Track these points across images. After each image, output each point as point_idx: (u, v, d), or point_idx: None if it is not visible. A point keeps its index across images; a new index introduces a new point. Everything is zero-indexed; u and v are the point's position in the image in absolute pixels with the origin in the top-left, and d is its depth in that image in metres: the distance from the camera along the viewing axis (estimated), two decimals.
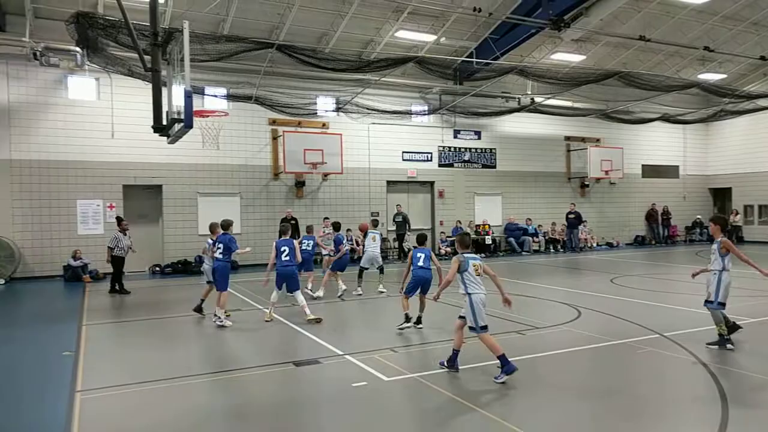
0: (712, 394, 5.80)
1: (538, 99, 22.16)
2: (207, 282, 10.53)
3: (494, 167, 23.07)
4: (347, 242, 18.79)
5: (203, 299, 10.34)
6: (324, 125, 19.71)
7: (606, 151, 24.32)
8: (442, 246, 21.19)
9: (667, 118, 25.11)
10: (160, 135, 10.55)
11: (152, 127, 10.25)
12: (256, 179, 18.87)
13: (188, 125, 9.41)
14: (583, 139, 24.72)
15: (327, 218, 17.79)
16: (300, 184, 19.34)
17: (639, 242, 25.82)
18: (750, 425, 5.20)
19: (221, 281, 9.70)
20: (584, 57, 21.24)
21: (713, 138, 28.26)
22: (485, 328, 6.38)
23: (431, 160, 21.83)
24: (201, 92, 16.72)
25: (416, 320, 8.86)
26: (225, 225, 10.01)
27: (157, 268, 17.30)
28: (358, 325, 10.04)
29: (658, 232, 26.06)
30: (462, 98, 21.20)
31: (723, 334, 7.45)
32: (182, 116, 9.42)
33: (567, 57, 21.27)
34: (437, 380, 6.33)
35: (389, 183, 21.10)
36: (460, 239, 6.76)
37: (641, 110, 24.50)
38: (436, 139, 21.93)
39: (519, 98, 22.31)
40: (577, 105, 23.05)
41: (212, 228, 10.39)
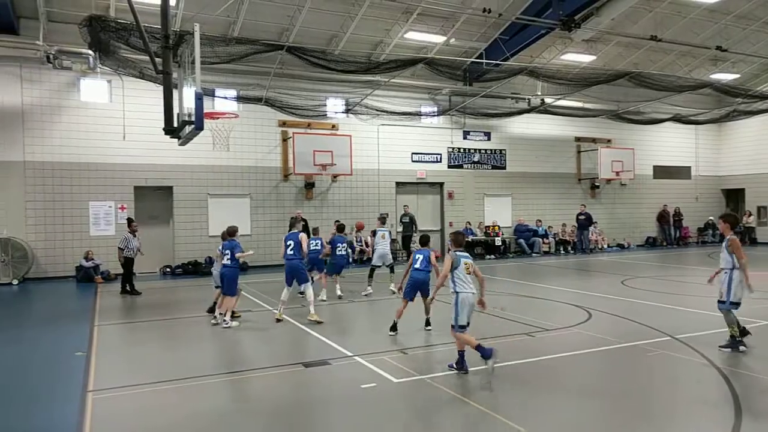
0: (724, 398, 5.74)
1: (548, 100, 22.07)
2: (216, 287, 10.59)
3: (504, 168, 23.00)
4: (357, 244, 19.03)
5: (216, 301, 10.37)
6: (333, 127, 19.75)
7: (617, 152, 24.17)
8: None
9: (679, 119, 24.90)
10: (171, 137, 10.62)
11: (163, 129, 10.32)
12: (266, 181, 18.95)
13: (199, 127, 9.48)
14: (594, 140, 24.59)
15: (338, 221, 17.82)
16: (309, 186, 19.39)
17: (650, 244, 25.64)
18: (763, 429, 5.14)
19: (229, 286, 9.77)
20: (595, 57, 21.13)
21: (726, 138, 27.99)
22: (463, 328, 6.49)
23: (441, 162, 21.80)
24: (211, 94, 16.83)
25: (425, 323, 8.84)
26: (231, 232, 10.03)
27: (168, 269, 17.42)
28: (368, 326, 10.04)
29: (670, 234, 25.85)
30: (472, 99, 21.16)
31: (735, 336, 7.37)
32: (193, 118, 9.49)
33: (577, 57, 21.17)
34: (447, 382, 6.32)
35: (398, 184, 21.10)
36: (454, 238, 6.92)
37: (653, 111, 24.33)
38: (446, 141, 21.90)
39: (529, 99, 22.23)
40: (588, 106, 22.93)
41: (223, 235, 10.43)
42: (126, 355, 8.14)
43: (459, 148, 22.14)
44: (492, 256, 21.33)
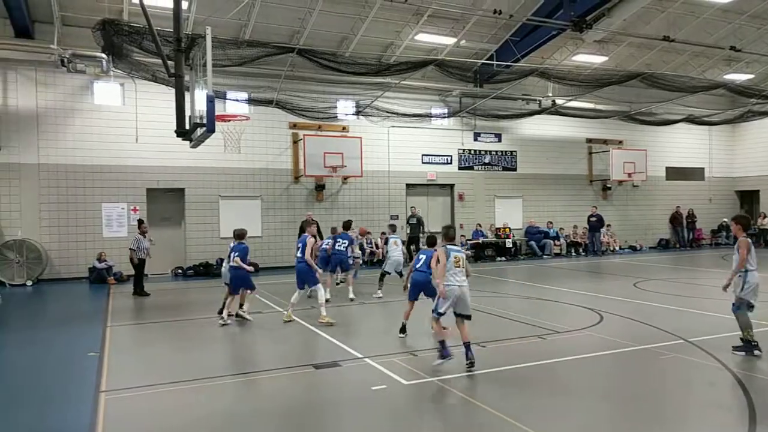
0: (738, 402, 5.68)
1: (560, 101, 21.96)
2: (225, 284, 10.67)
3: (515, 170, 22.92)
4: (367, 245, 19.02)
5: (225, 302, 10.41)
6: (344, 129, 19.79)
7: (629, 154, 23.99)
8: (462, 249, 21.03)
9: (692, 120, 24.66)
10: (183, 139, 10.72)
11: (175, 132, 10.42)
12: (277, 183, 19.02)
13: (210, 129, 9.56)
14: (605, 141, 24.43)
15: (350, 221, 17.80)
16: (320, 188, 19.44)
17: (663, 246, 25.41)
18: None
19: (237, 286, 9.93)
20: (606, 58, 20.99)
21: (740, 139, 27.68)
22: (440, 314, 6.83)
23: (451, 163, 21.77)
24: (223, 97, 16.93)
25: (401, 329, 8.56)
26: (240, 234, 10.11)
27: (180, 271, 17.54)
28: (378, 328, 10.03)
29: (683, 236, 25.59)
30: (482, 101, 21.11)
31: (750, 340, 7.27)
32: (204, 121, 9.57)
33: (589, 58, 21.04)
34: (456, 384, 6.30)
35: (409, 186, 21.09)
36: (445, 232, 7.33)
37: (665, 111, 24.13)
38: (456, 142, 21.86)
39: (540, 100, 22.14)
40: (600, 107, 22.79)
41: (235, 235, 10.54)
42: (138, 356, 8.20)
43: (469, 150, 22.10)
44: (503, 258, 21.25)
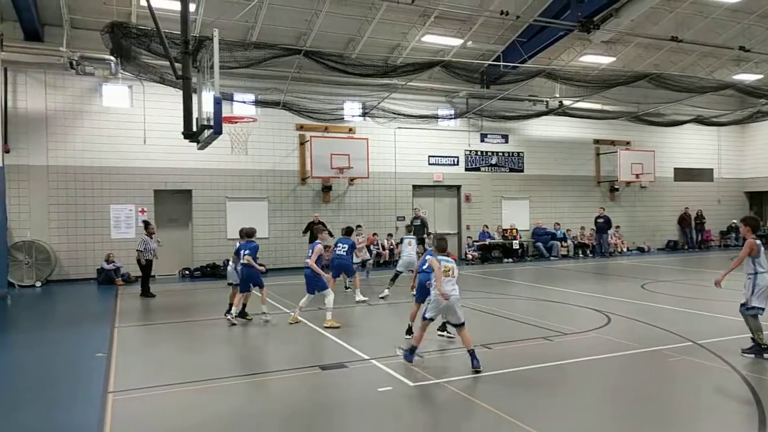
0: (748, 405, 5.63)
1: (567, 102, 21.88)
2: (228, 284, 10.71)
3: (522, 171, 22.86)
4: (374, 247, 19.02)
5: (231, 303, 10.45)
6: (350, 130, 19.82)
7: (636, 154, 23.87)
8: (469, 251, 21.04)
9: (701, 120, 24.50)
10: (191, 141, 10.77)
11: (183, 134, 10.47)
12: (284, 184, 19.07)
13: (217, 131, 9.60)
14: (613, 142, 24.32)
15: (360, 226, 17.78)
16: (327, 189, 19.47)
17: (671, 247, 25.26)
18: None
19: (247, 284, 9.99)
20: (614, 59, 20.89)
21: (749, 140, 27.48)
22: (427, 319, 7.16)
23: (458, 164, 21.74)
24: (230, 98, 16.98)
25: (440, 327, 8.57)
26: (249, 233, 10.20)
27: (187, 272, 17.61)
28: (384, 329, 10.02)
29: (692, 237, 25.43)
30: (489, 102, 21.08)
31: (761, 343, 7.20)
32: (212, 122, 9.62)
33: (596, 59, 20.96)
34: (463, 386, 6.29)
35: (415, 187, 21.08)
36: (438, 244, 7.56)
37: (673, 112, 23.99)
38: (463, 143, 21.84)
39: (547, 101, 22.06)
40: (607, 108, 22.69)
41: (241, 235, 10.62)
42: (146, 357, 8.23)
43: (476, 151, 22.06)
44: (510, 260, 21.19)
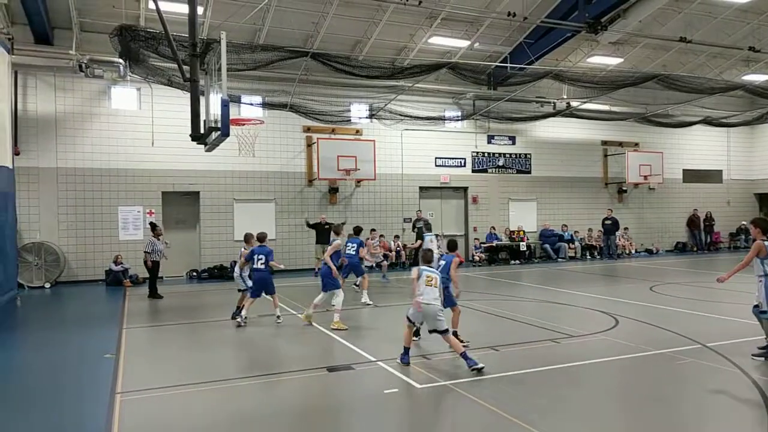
0: (758, 409, 5.58)
1: (574, 103, 21.79)
2: (239, 290, 10.72)
3: (529, 172, 22.80)
4: (389, 253, 18.97)
5: (239, 306, 10.47)
6: (357, 132, 19.84)
7: (645, 156, 23.75)
8: (476, 253, 21.00)
9: (710, 121, 24.34)
10: (198, 143, 10.83)
11: (190, 136, 10.53)
12: (291, 186, 19.12)
13: (225, 133, 9.64)
14: (621, 144, 24.21)
15: (374, 230, 17.71)
16: (333, 191, 19.49)
17: (680, 249, 25.09)
18: None
19: (259, 289, 10.03)
20: (622, 60, 20.81)
21: (759, 141, 27.28)
22: (412, 324, 7.39)
23: (465, 166, 21.71)
24: (237, 101, 17.04)
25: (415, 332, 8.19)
26: (262, 237, 10.34)
27: (194, 273, 17.68)
28: (391, 331, 9.98)
29: (700, 239, 25.26)
30: (496, 103, 21.04)
31: None
32: (219, 125, 9.66)
33: (604, 60, 20.89)
34: (469, 388, 6.27)
35: (422, 189, 21.07)
36: (423, 255, 7.83)
37: (682, 113, 23.84)
38: (470, 145, 21.81)
39: (554, 103, 21.97)
40: (615, 109, 22.58)
41: (247, 238, 10.67)
42: (154, 358, 8.27)
43: (483, 153, 22.02)
44: (517, 262, 21.13)
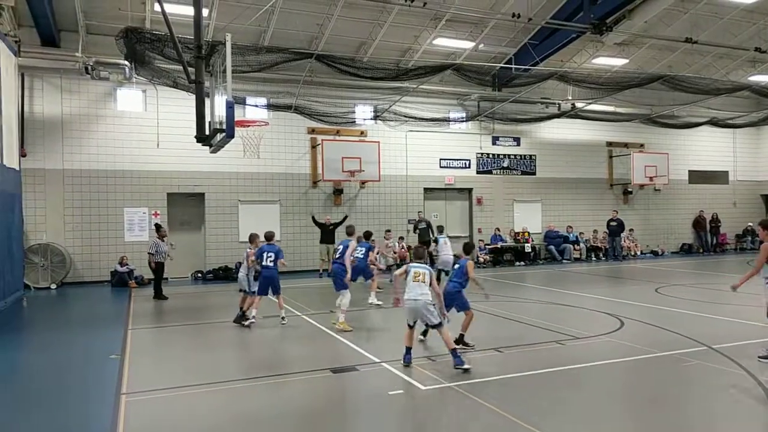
0: (765, 411, 5.55)
1: (579, 104, 21.74)
2: (240, 290, 10.75)
3: (534, 174, 22.75)
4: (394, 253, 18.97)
5: (242, 307, 10.48)
6: (362, 133, 19.86)
7: (650, 157, 23.65)
8: (481, 254, 20.97)
9: (716, 122, 24.24)
10: (203, 145, 10.86)
11: (195, 137, 10.55)
12: (296, 187, 19.14)
13: (230, 135, 9.67)
14: (626, 145, 24.13)
15: (389, 230, 17.56)
16: (338, 192, 19.51)
17: (686, 250, 24.98)
18: None
19: (266, 287, 10.10)
20: (627, 60, 20.76)
21: (765, 142, 27.17)
22: (409, 326, 7.34)
23: (469, 167, 21.69)
24: (242, 102, 17.10)
25: (456, 339, 7.98)
26: (270, 236, 10.48)
27: (199, 274, 17.72)
28: (396, 333, 9.98)
29: (706, 240, 25.14)
30: (501, 105, 21.01)
31: None
32: (224, 126, 9.69)
33: (609, 61, 20.84)
34: (474, 390, 6.26)
35: (426, 190, 21.06)
36: (414, 251, 7.78)
37: (687, 114, 23.75)
38: (475, 146, 21.78)
39: (559, 104, 21.93)
40: (620, 110, 22.51)
41: (252, 238, 10.78)
42: (159, 359, 8.29)
43: (488, 154, 21.99)
44: (522, 263, 21.09)
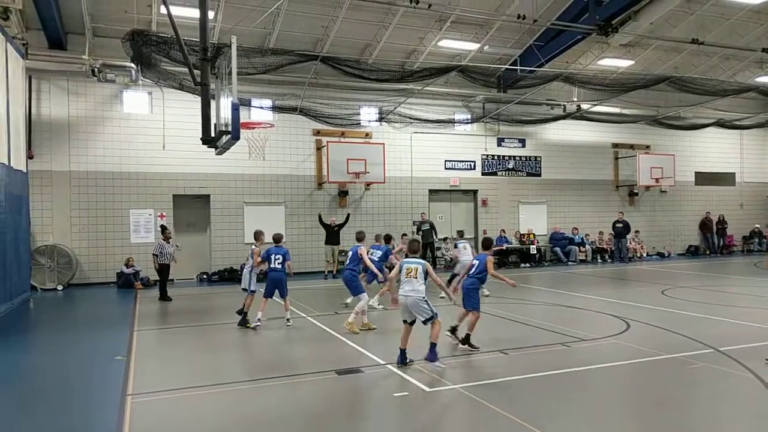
0: None
1: (585, 106, 21.68)
2: (243, 289, 10.76)
3: (539, 175, 22.70)
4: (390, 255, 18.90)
5: (243, 307, 10.49)
6: (367, 135, 19.87)
7: (656, 158, 23.54)
8: None
9: (723, 124, 24.13)
10: (209, 146, 10.90)
11: (201, 139, 10.61)
12: (301, 189, 19.17)
13: (235, 137, 9.70)
14: (632, 146, 24.04)
15: (405, 234, 17.25)
16: (343, 194, 19.52)
17: (692, 252, 24.86)
18: None
19: (273, 289, 10.08)
20: (633, 62, 20.70)
21: None
22: (405, 322, 7.32)
23: (474, 169, 21.66)
24: (248, 104, 17.15)
25: (462, 340, 8.20)
26: (278, 238, 10.54)
27: (205, 276, 17.76)
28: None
29: (713, 242, 25.01)
30: (506, 106, 20.97)
31: None
32: (230, 128, 9.72)
33: (615, 62, 20.78)
34: (479, 392, 6.24)
35: (432, 192, 21.05)
36: (409, 245, 7.74)
37: (694, 115, 23.64)
38: (480, 148, 21.76)
39: (564, 105, 21.88)
40: (626, 111, 22.44)
41: (257, 235, 10.78)
42: (164, 360, 8.31)
43: (493, 155, 21.97)
44: (527, 265, 21.04)
